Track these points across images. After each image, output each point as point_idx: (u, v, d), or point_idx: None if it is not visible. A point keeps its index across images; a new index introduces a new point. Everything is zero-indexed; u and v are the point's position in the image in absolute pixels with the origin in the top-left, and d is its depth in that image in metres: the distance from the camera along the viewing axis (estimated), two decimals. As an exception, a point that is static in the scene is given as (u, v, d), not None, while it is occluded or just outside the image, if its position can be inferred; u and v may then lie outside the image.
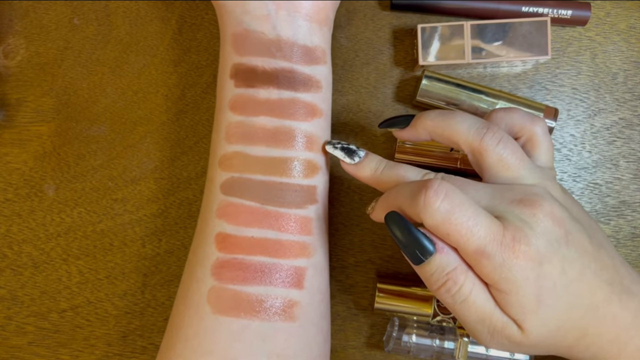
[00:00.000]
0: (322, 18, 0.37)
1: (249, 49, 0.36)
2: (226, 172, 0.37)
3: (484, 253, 0.31)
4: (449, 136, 0.36)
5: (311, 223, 0.37)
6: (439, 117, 0.36)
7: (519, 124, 0.37)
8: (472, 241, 0.31)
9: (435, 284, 0.33)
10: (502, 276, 0.31)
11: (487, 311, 0.32)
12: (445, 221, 0.31)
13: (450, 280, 0.32)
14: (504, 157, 0.35)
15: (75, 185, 0.46)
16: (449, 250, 0.32)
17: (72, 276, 0.45)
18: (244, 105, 0.37)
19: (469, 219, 0.31)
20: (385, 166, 0.37)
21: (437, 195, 0.31)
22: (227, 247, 0.36)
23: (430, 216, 0.31)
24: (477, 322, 0.33)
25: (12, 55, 0.46)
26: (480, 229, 0.31)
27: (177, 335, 0.36)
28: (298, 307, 0.36)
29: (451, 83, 0.43)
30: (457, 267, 0.32)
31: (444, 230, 0.31)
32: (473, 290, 0.32)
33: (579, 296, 0.33)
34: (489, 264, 0.31)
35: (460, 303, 0.32)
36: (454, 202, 0.31)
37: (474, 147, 0.35)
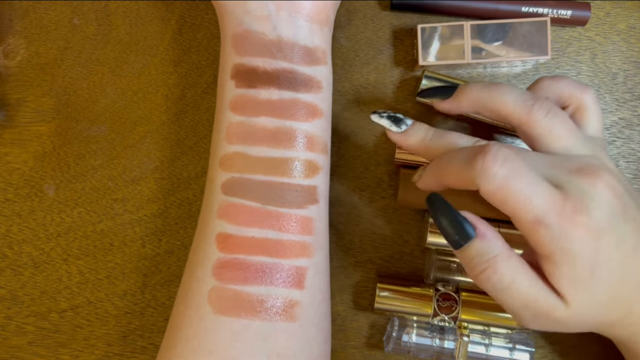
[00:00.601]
0: (323, 18, 0.37)
1: (249, 50, 0.36)
2: (227, 172, 0.37)
3: (542, 222, 0.31)
4: (495, 108, 0.35)
5: (312, 223, 0.37)
6: (485, 89, 0.36)
7: (567, 92, 0.36)
8: (530, 209, 0.31)
9: (474, 270, 0.32)
10: (559, 247, 0.31)
11: (531, 297, 0.32)
12: (503, 187, 0.31)
13: (489, 268, 0.32)
14: (554, 128, 0.34)
15: (75, 185, 0.46)
16: (492, 236, 0.32)
17: (72, 276, 0.45)
18: (245, 105, 0.37)
19: (528, 186, 0.31)
20: (435, 133, 0.36)
21: (495, 160, 0.31)
22: (228, 247, 0.36)
23: (488, 181, 0.31)
24: (520, 308, 0.32)
25: (12, 55, 0.46)
26: (540, 197, 0.31)
27: (178, 335, 0.36)
28: (299, 307, 0.36)
29: (451, 83, 0.43)
30: (497, 254, 0.32)
31: (501, 197, 0.31)
32: (516, 278, 0.32)
33: (630, 272, 0.32)
34: (546, 234, 0.31)
35: (501, 290, 0.32)
36: (513, 167, 0.31)
37: (522, 120, 0.34)
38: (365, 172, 0.45)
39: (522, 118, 0.34)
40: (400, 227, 0.45)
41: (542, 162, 0.33)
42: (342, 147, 0.45)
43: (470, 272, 0.33)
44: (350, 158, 0.45)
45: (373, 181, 0.45)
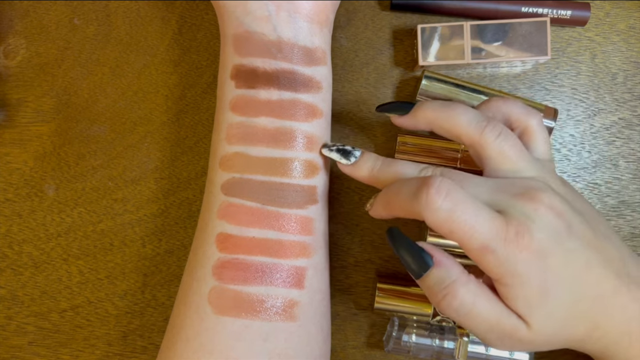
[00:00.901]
0: (323, 19, 0.38)
1: (249, 50, 0.37)
2: (227, 172, 0.37)
3: (488, 249, 0.31)
4: (449, 128, 0.36)
5: (312, 223, 0.37)
6: (440, 109, 0.36)
7: (515, 115, 0.37)
8: (475, 238, 0.31)
9: (435, 297, 0.33)
10: (507, 270, 0.31)
11: (493, 319, 0.32)
12: (448, 220, 0.31)
13: (449, 294, 0.32)
14: (503, 149, 0.35)
15: (76, 185, 0.46)
16: (448, 263, 0.33)
17: (73, 276, 0.46)
18: (245, 106, 0.37)
19: (471, 217, 0.31)
20: (382, 164, 0.37)
21: (438, 194, 0.31)
22: (228, 248, 0.36)
23: (433, 215, 0.31)
24: (485, 331, 0.33)
25: (13, 55, 0.46)
26: (483, 225, 0.31)
27: (178, 335, 0.36)
28: (298, 307, 0.36)
29: (451, 83, 0.43)
30: (455, 280, 0.32)
31: (447, 229, 0.32)
32: (475, 301, 0.32)
33: (585, 288, 0.33)
34: (493, 259, 0.31)
35: (464, 315, 0.32)
36: (456, 200, 0.31)
37: (474, 140, 0.35)
38: (365, 172, 0.45)
39: (475, 139, 0.35)
40: (400, 228, 0.45)
41: (486, 188, 0.34)
42: (342, 147, 0.45)
43: (432, 300, 0.33)
44: (350, 158, 0.45)
45: (373, 181, 0.45)
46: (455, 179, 0.34)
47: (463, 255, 0.43)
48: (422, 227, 0.44)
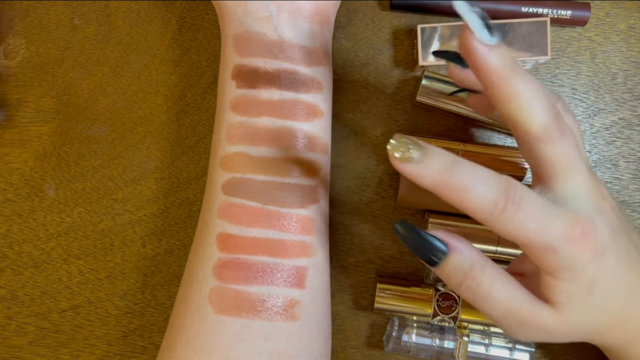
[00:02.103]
0: (324, 19, 0.38)
1: (250, 50, 0.37)
2: (227, 172, 0.37)
3: (552, 249, 0.30)
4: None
5: (312, 223, 0.37)
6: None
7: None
8: (540, 241, 0.30)
9: (454, 283, 0.32)
10: (564, 266, 0.31)
11: (513, 304, 0.32)
12: (516, 229, 0.30)
13: (467, 278, 0.31)
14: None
15: (76, 185, 0.46)
16: (464, 247, 0.31)
17: (73, 276, 0.45)
18: (246, 106, 0.37)
19: (539, 220, 0.30)
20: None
21: (513, 205, 0.29)
22: (229, 247, 0.36)
23: (503, 225, 0.30)
24: (504, 316, 0.32)
25: (13, 55, 0.46)
26: (551, 227, 0.30)
27: (178, 335, 0.36)
28: (299, 306, 0.36)
29: (451, 83, 0.43)
30: (474, 264, 0.31)
31: (515, 236, 0.30)
32: (494, 285, 0.31)
33: (625, 283, 0.33)
34: (554, 258, 0.30)
35: (483, 299, 0.32)
36: (527, 206, 0.30)
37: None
38: (365, 172, 0.45)
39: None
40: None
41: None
42: (342, 147, 0.45)
43: (451, 286, 0.32)
44: (350, 158, 0.45)
45: (373, 181, 0.45)
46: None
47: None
48: (424, 221, 0.44)
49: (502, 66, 0.30)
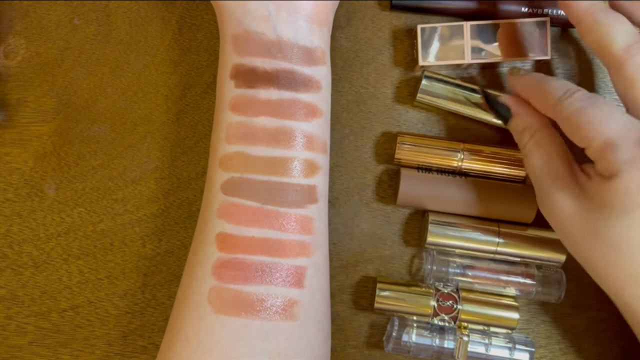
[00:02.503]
0: (322, 19, 0.38)
1: (249, 50, 0.37)
2: (227, 172, 0.37)
3: (612, 146, 0.33)
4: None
5: (312, 222, 0.37)
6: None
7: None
8: (602, 133, 0.33)
9: (516, 139, 0.40)
10: (621, 169, 0.33)
11: (544, 171, 0.38)
12: (577, 112, 0.35)
13: (520, 140, 0.39)
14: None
15: (76, 185, 0.46)
16: (521, 114, 0.39)
17: (73, 276, 0.46)
18: (245, 105, 0.37)
19: (603, 113, 0.34)
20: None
21: (580, 93, 0.35)
22: (228, 247, 0.36)
23: (566, 108, 0.35)
24: (534, 179, 0.39)
25: (13, 55, 0.46)
26: (616, 122, 0.33)
27: (178, 335, 0.36)
28: (298, 306, 0.36)
29: (451, 83, 0.43)
30: (526, 128, 0.39)
31: (575, 122, 0.35)
32: (532, 151, 0.38)
33: None
34: (614, 159, 0.33)
35: (524, 158, 0.39)
36: (594, 100, 0.35)
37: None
38: (365, 172, 0.45)
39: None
40: (400, 227, 0.45)
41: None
42: (342, 147, 0.45)
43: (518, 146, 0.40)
44: (350, 158, 0.45)
45: (373, 181, 0.45)
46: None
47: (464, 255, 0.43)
48: (424, 221, 0.44)
49: (588, 5, 0.37)
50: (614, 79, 0.37)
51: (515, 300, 0.43)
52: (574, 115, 0.35)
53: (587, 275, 0.38)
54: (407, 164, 0.44)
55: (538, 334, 0.45)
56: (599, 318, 0.44)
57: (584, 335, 0.44)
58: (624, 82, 0.35)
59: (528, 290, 0.43)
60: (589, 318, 0.44)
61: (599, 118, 0.34)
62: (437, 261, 0.43)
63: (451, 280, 0.43)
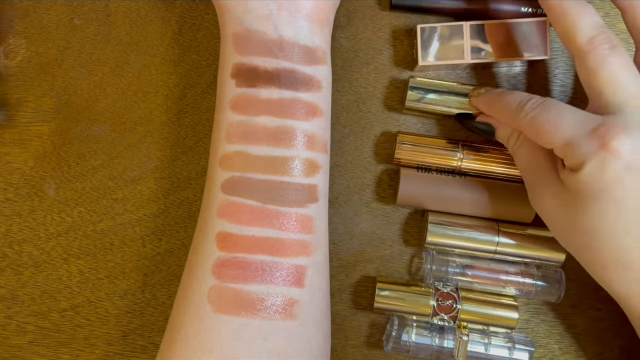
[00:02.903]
0: (323, 19, 0.38)
1: (250, 49, 0.37)
2: (227, 171, 0.37)
3: (571, 145, 0.34)
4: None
5: (312, 222, 0.37)
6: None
7: None
8: (559, 135, 0.35)
9: (505, 145, 0.41)
10: (584, 161, 0.34)
11: (532, 164, 0.39)
12: (532, 123, 0.36)
13: (509, 143, 0.40)
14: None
15: (76, 185, 0.46)
16: (504, 125, 0.40)
17: (73, 276, 0.46)
18: (246, 105, 0.37)
19: (554, 116, 0.35)
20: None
21: (533, 101, 0.37)
22: (229, 247, 0.36)
23: (524, 118, 0.37)
24: (523, 173, 0.40)
25: (13, 55, 0.46)
26: (567, 123, 0.35)
27: (178, 334, 0.36)
28: (299, 305, 0.36)
29: (437, 91, 0.43)
30: (512, 134, 0.40)
31: (534, 129, 0.36)
32: (521, 147, 0.39)
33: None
34: (575, 154, 0.34)
35: (513, 155, 0.41)
36: (549, 104, 0.36)
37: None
38: (365, 172, 0.45)
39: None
40: (400, 227, 0.45)
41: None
42: (342, 147, 0.45)
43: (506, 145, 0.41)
44: (350, 158, 0.46)
45: (373, 181, 0.46)
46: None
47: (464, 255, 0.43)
48: (424, 221, 0.44)
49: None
50: (578, 69, 0.37)
51: (515, 300, 0.43)
52: (531, 123, 0.37)
53: (587, 275, 0.38)
54: (407, 164, 0.44)
55: (538, 334, 0.45)
56: (599, 318, 0.44)
57: (583, 335, 0.44)
58: (587, 73, 0.36)
59: (528, 290, 0.43)
60: (589, 318, 0.45)
61: (553, 122, 0.35)
62: (437, 261, 0.43)
63: (451, 280, 0.43)
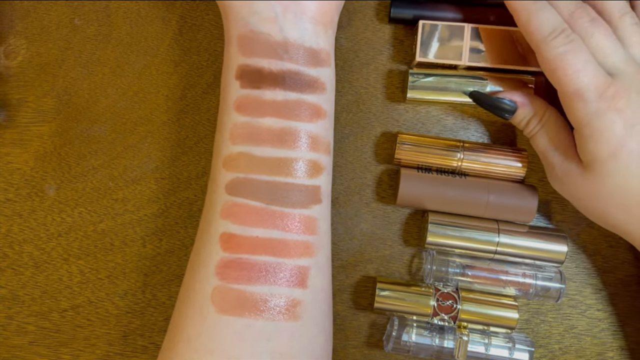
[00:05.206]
0: (327, 20, 0.38)
1: (255, 51, 0.37)
2: (231, 172, 0.37)
3: (581, 96, 0.36)
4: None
5: (315, 223, 0.37)
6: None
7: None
8: (574, 82, 0.36)
9: (521, 126, 0.42)
10: (589, 122, 0.36)
11: (548, 152, 0.40)
12: (558, 57, 0.36)
13: (530, 123, 0.41)
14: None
15: (76, 185, 0.46)
16: (528, 104, 0.41)
17: (73, 276, 0.46)
18: (250, 106, 0.37)
19: (579, 63, 0.36)
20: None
21: (564, 36, 0.37)
22: (232, 247, 0.36)
23: (547, 48, 0.37)
24: (542, 159, 0.42)
25: (13, 55, 0.46)
26: (587, 74, 0.36)
27: (180, 334, 0.36)
28: (301, 306, 0.36)
29: (439, 75, 0.43)
30: (535, 114, 0.41)
31: (553, 65, 0.37)
32: (542, 128, 0.41)
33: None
34: (582, 108, 0.36)
35: (531, 139, 0.42)
36: (574, 46, 0.37)
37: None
38: (365, 172, 0.46)
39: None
40: (400, 227, 0.45)
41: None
42: (342, 147, 0.46)
43: (523, 132, 0.43)
44: (350, 158, 0.46)
45: (373, 181, 0.46)
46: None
47: (464, 255, 0.43)
48: (424, 221, 0.44)
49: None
50: (539, 61, 0.38)
51: (514, 300, 0.43)
52: (557, 58, 0.37)
53: (587, 275, 0.39)
54: (407, 164, 0.44)
55: (537, 334, 0.45)
56: (599, 318, 0.45)
57: (583, 335, 0.45)
58: (547, 66, 0.38)
59: (528, 290, 0.43)
60: (589, 318, 0.45)
61: (575, 67, 0.36)
62: (436, 261, 0.43)
63: (451, 280, 0.43)
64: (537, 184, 0.45)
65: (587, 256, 0.45)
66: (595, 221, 0.41)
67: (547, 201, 0.45)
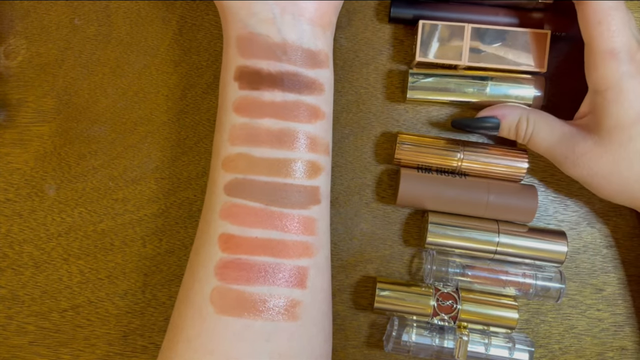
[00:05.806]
0: (326, 22, 0.38)
1: (254, 52, 0.37)
2: (230, 173, 0.37)
3: (615, 55, 0.37)
4: None
5: (314, 223, 0.37)
6: None
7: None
8: (612, 40, 0.37)
9: (513, 138, 0.42)
10: (616, 84, 0.37)
11: (554, 138, 0.40)
12: (605, 10, 0.37)
13: (519, 130, 0.41)
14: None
15: (76, 185, 0.46)
16: (507, 111, 0.42)
17: (73, 276, 0.46)
18: (249, 107, 0.37)
19: (621, 23, 0.37)
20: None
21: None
22: (231, 248, 0.36)
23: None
24: (549, 152, 0.41)
25: (13, 55, 0.46)
26: (625, 36, 0.37)
27: (179, 335, 0.36)
28: (301, 306, 0.36)
29: (438, 75, 0.43)
30: (520, 119, 0.41)
31: (598, 17, 0.37)
32: (535, 128, 0.41)
33: None
34: (614, 68, 0.37)
35: (532, 141, 0.42)
36: (621, 7, 0.37)
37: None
38: (365, 172, 0.46)
39: None
40: (400, 227, 0.45)
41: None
42: (342, 147, 0.46)
43: (517, 140, 0.43)
44: (350, 158, 0.46)
45: (373, 181, 0.46)
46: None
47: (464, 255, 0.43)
48: (424, 221, 0.44)
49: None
50: (583, 12, 0.38)
51: (514, 300, 0.43)
52: (604, 10, 0.37)
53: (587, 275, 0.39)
54: (407, 164, 0.44)
55: (537, 334, 0.45)
56: (599, 318, 0.45)
57: (583, 335, 0.45)
58: (592, 18, 0.37)
59: (527, 290, 0.43)
60: (588, 318, 0.45)
61: (616, 25, 0.37)
62: (436, 261, 0.43)
63: (451, 280, 0.43)
64: (537, 184, 0.45)
65: (587, 256, 0.45)
66: (614, 198, 0.41)
67: (547, 201, 0.45)
